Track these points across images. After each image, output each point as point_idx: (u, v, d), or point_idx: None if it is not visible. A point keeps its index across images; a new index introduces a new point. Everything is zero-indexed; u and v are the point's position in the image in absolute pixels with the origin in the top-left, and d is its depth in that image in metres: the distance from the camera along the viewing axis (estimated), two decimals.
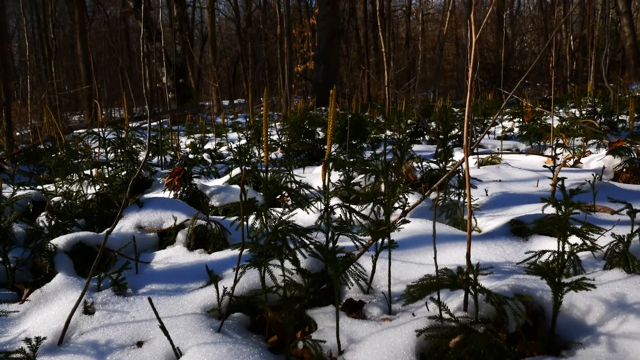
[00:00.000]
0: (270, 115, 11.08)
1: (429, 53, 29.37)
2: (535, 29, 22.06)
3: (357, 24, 26.56)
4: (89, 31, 22.19)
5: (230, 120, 10.61)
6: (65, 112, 14.26)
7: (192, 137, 8.53)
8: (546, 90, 16.25)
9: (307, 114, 8.00)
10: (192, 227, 2.21)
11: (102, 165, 3.21)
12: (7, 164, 4.26)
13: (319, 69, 12.52)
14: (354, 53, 26.15)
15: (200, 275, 2.01)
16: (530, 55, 20.95)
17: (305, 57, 15.71)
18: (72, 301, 1.76)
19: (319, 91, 12.32)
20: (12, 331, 1.72)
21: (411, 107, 8.92)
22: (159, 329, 1.61)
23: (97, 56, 24.22)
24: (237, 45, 28.78)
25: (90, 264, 2.14)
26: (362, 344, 1.45)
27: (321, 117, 8.01)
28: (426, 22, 30.04)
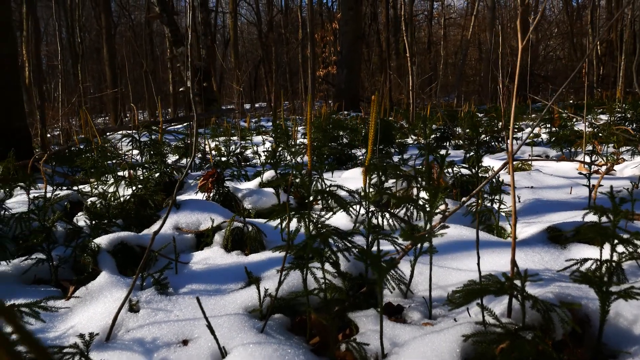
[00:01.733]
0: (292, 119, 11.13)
1: (451, 58, 29.23)
2: (560, 34, 21.80)
3: (378, 28, 26.55)
4: (114, 35, 22.55)
5: (254, 123, 10.69)
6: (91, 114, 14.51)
7: (217, 140, 8.61)
8: (571, 96, 16.04)
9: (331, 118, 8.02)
10: (229, 229, 2.24)
11: (136, 167, 3.27)
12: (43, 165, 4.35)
13: (341, 73, 12.54)
14: (375, 57, 26.14)
15: (238, 277, 2.04)
16: (555, 60, 20.70)
17: (327, 62, 15.76)
18: (117, 299, 1.80)
19: (341, 95, 12.34)
20: (60, 326, 1.76)
21: (435, 112, 8.90)
22: (203, 328, 1.64)
23: (121, 60, 24.62)
24: (258, 50, 28.99)
25: (131, 263, 2.19)
26: (406, 348, 1.46)
27: (345, 121, 8.03)
28: (448, 27, 29.92)
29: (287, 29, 25.38)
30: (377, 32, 26.07)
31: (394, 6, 23.93)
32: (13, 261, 2.29)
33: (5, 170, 3.44)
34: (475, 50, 26.95)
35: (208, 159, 5.07)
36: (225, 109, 12.39)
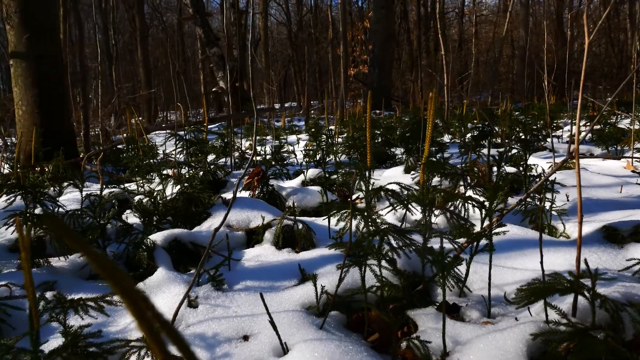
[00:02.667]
0: (322, 119, 11.14)
1: (482, 56, 28.81)
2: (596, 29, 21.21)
3: (408, 27, 26.36)
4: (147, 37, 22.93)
5: (287, 122, 10.74)
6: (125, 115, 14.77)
7: (250, 139, 8.69)
8: (608, 92, 15.62)
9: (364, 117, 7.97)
10: (280, 226, 2.25)
11: (180, 166, 3.33)
12: (86, 163, 4.46)
13: (373, 72, 12.49)
14: (404, 56, 25.96)
15: (291, 274, 2.05)
16: (592, 56, 20.19)
17: (357, 61, 15.72)
18: (176, 294, 1.83)
19: (373, 94, 12.29)
20: (120, 321, 1.81)
21: (470, 110, 8.79)
22: (262, 324, 1.66)
23: (154, 61, 25.04)
24: (287, 49, 29.10)
25: (184, 260, 2.23)
26: (469, 346, 1.45)
27: (378, 120, 7.99)
28: (479, 24, 29.49)
29: (317, 28, 25.40)
30: (407, 31, 25.90)
31: (424, 4, 23.73)
32: (70, 257, 2.35)
33: (55, 169, 3.54)
34: (508, 47, 26.50)
35: (246, 157, 5.11)
36: (260, 108, 12.48)
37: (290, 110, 19.57)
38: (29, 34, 4.52)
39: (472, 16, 27.11)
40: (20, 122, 4.69)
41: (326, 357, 1.41)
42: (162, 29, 25.65)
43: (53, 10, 4.83)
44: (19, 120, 4.71)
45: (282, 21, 29.84)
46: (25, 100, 4.61)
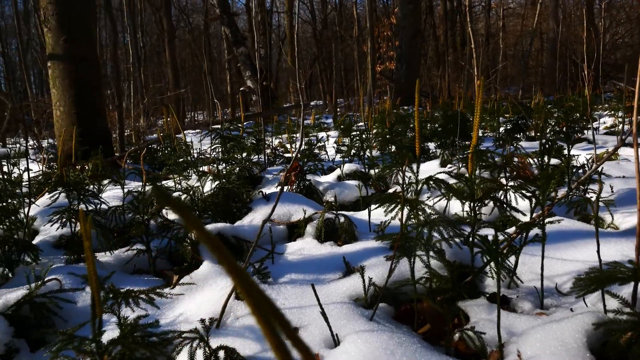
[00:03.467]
0: (350, 116, 11.11)
1: (510, 49, 28.33)
2: (628, 20, 20.67)
3: (434, 22, 26.10)
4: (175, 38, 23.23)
5: (317, 120, 10.75)
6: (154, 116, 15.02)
7: (280, 137, 8.72)
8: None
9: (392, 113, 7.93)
10: (322, 220, 2.25)
11: (217, 163, 3.35)
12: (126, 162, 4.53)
13: (400, 68, 12.40)
14: (431, 52, 25.72)
15: (335, 266, 2.05)
16: (624, 48, 19.67)
17: (384, 57, 15.62)
18: (223, 287, 1.84)
19: (401, 91, 12.20)
20: (169, 314, 1.82)
21: (501, 104, 8.65)
22: (311, 316, 1.65)
23: (181, 62, 25.34)
24: (312, 48, 29.12)
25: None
26: (525, 337, 1.42)
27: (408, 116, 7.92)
28: (506, 17, 29.00)
29: (342, 26, 25.35)
30: (433, 26, 25.63)
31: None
32: (115, 252, 2.39)
33: (94, 167, 3.60)
34: (537, 40, 25.99)
35: (277, 155, 5.13)
36: (288, 106, 12.52)
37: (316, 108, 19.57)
38: (65, 36, 4.62)
39: (499, 10, 26.70)
40: (58, 123, 4.80)
41: (379, 349, 1.40)
42: (188, 30, 25.93)
43: (88, 13, 4.92)
44: (57, 121, 4.81)
45: (306, 20, 29.87)
46: (63, 101, 4.71)
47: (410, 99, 12.09)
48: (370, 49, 10.15)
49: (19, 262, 2.20)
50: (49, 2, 4.60)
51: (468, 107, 8.81)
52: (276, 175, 3.69)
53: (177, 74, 17.65)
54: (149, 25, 27.73)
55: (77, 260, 2.30)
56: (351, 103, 20.18)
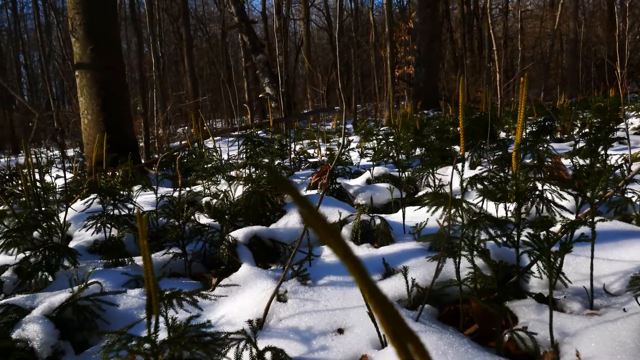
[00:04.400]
0: (369, 121, 11.09)
1: (529, 51, 28.08)
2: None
3: (450, 26, 25.99)
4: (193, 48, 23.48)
5: (336, 126, 10.75)
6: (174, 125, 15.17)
7: (300, 143, 8.73)
8: None
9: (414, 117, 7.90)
10: (358, 222, 2.23)
11: (245, 167, 3.36)
12: (150, 167, 4.57)
13: (419, 72, 12.36)
14: (447, 56, 25.60)
15: (373, 268, 2.03)
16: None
17: (401, 62, 15.60)
18: (264, 289, 1.83)
19: (420, 94, 12.15)
20: (210, 316, 1.82)
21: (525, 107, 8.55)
22: (355, 317, 1.64)
23: (198, 71, 25.60)
24: (329, 54, 29.20)
25: (264, 256, 2.23)
26: (580, 338, 1.38)
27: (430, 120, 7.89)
28: (524, 19, 28.76)
29: (358, 32, 25.38)
30: (450, 30, 25.53)
31: (467, 2, 23.37)
32: (152, 256, 2.40)
33: (124, 173, 3.64)
34: (556, 42, 25.71)
35: (301, 160, 5.13)
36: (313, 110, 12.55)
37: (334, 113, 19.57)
38: (93, 46, 4.69)
39: (517, 12, 26.49)
40: (86, 131, 4.86)
41: (429, 350, 1.37)
42: (206, 39, 26.20)
43: (114, 23, 4.99)
44: (85, 129, 4.88)
45: (322, 26, 29.98)
46: (90, 109, 4.78)
47: (430, 103, 12.03)
48: (389, 54, 10.13)
49: (58, 267, 2.23)
50: (76, 13, 4.67)
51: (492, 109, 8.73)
52: (304, 180, 3.69)
53: (196, 83, 17.82)
54: (166, 35, 28.09)
55: (115, 264, 2.31)
56: (368, 109, 20.16)
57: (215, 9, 30.94)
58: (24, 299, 1.92)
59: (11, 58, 26.09)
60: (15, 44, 23.48)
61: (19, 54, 23.62)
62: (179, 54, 26.48)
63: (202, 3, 30.20)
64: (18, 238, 2.25)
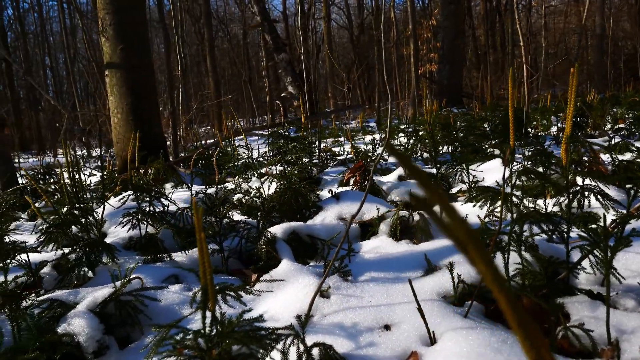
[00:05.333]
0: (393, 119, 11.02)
1: (552, 48, 27.63)
2: None
3: (472, 23, 25.73)
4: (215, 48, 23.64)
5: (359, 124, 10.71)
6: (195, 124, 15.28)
7: (324, 141, 8.70)
8: None
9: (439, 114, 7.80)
10: (397, 218, 2.21)
11: (276, 164, 3.35)
12: (177, 165, 4.60)
13: (443, 69, 12.25)
14: (470, 53, 25.35)
15: (414, 264, 2.00)
16: None
17: (424, 59, 15.47)
18: (305, 285, 1.82)
19: (444, 92, 12.04)
20: (252, 312, 1.81)
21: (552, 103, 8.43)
22: (401, 313, 1.61)
23: (220, 71, 25.77)
24: (350, 53, 29.16)
25: (302, 252, 2.22)
26: (639, 335, 1.34)
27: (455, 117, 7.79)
28: (548, 15, 28.32)
29: (379, 30, 25.26)
30: (472, 27, 25.27)
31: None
32: (189, 253, 2.41)
33: (156, 171, 3.66)
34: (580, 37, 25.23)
35: (327, 157, 5.11)
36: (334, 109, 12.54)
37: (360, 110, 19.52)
38: (122, 45, 4.73)
39: (541, 8, 26.09)
40: (115, 130, 4.91)
41: (482, 346, 1.34)
42: (227, 39, 26.36)
43: (143, 22, 5.04)
44: (115, 128, 4.93)
45: (343, 25, 29.93)
46: (120, 108, 4.83)
47: (454, 101, 11.91)
48: (412, 51, 10.05)
49: (98, 263, 2.24)
50: (106, 13, 4.72)
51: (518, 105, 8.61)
52: (335, 177, 3.67)
53: (218, 83, 17.93)
54: (188, 36, 28.35)
55: (154, 260, 2.32)
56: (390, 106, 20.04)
57: (236, 9, 31.12)
58: (67, 294, 1.94)
59: (37, 60, 26.62)
60: (42, 47, 23.94)
61: (45, 56, 24.08)
62: (200, 55, 26.69)
63: (224, 4, 30.41)
64: (58, 234, 2.27)
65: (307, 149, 4.22)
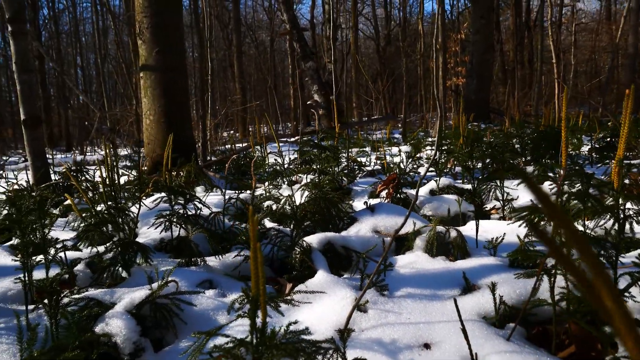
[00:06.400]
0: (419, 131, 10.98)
1: (581, 66, 27.31)
2: None
3: (500, 38, 25.55)
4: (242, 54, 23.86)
5: (382, 134, 10.68)
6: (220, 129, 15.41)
7: (350, 151, 8.67)
8: None
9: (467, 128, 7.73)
10: (434, 233, 2.18)
11: (307, 172, 3.35)
12: (206, 169, 4.63)
13: (471, 83, 12.16)
14: (497, 68, 25.15)
15: (451, 282, 1.97)
16: None
17: (451, 73, 15.40)
18: (342, 298, 1.80)
19: (471, 106, 11.95)
20: (285, 322, 1.80)
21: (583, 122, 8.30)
22: (441, 332, 1.58)
23: (246, 77, 26.00)
24: (375, 64, 29.17)
25: (337, 263, 2.20)
26: None
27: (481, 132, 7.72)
28: (578, 33, 28.01)
29: (405, 42, 25.24)
30: (500, 42, 25.09)
31: (519, 14, 22.94)
32: (222, 258, 2.41)
33: (187, 174, 3.69)
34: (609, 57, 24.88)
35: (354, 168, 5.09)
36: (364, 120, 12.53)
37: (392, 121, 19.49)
38: (158, 48, 4.79)
39: (571, 25, 25.81)
40: (147, 131, 4.97)
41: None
42: (254, 46, 26.60)
43: (179, 26, 5.10)
44: (146, 129, 4.99)
45: (370, 35, 29.97)
46: (152, 110, 4.88)
47: (480, 115, 11.81)
48: (441, 64, 10.00)
49: (133, 263, 2.26)
50: (144, 16, 4.80)
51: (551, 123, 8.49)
52: (364, 188, 3.65)
53: (245, 88, 18.08)
54: (216, 41, 28.69)
55: (187, 263, 2.32)
56: (414, 119, 19.97)
57: (264, 16, 31.43)
58: (103, 293, 1.95)
59: (69, 60, 27.18)
60: (74, 46, 24.44)
61: (77, 56, 24.57)
62: (227, 60, 26.98)
63: (252, 10, 30.72)
64: (95, 233, 2.29)
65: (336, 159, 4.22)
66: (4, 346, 1.70)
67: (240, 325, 1.76)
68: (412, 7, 31.97)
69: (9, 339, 1.76)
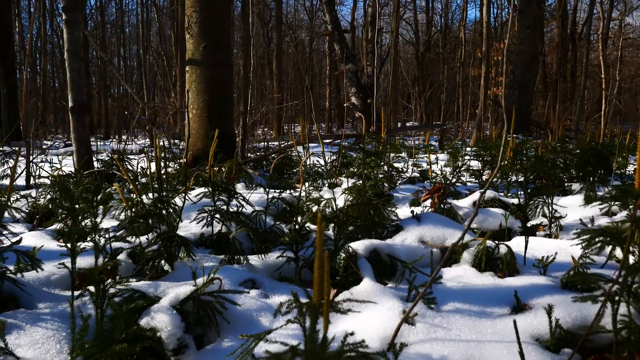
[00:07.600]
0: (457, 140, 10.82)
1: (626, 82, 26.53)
2: None
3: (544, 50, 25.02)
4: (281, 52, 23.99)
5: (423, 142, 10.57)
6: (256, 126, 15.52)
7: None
8: None
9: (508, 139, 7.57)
10: (484, 248, 2.12)
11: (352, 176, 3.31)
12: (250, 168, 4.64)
13: (512, 94, 11.92)
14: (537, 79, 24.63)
15: (500, 300, 1.90)
16: None
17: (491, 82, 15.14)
18: (389, 309, 1.76)
19: (511, 117, 11.72)
20: (331, 329, 1.77)
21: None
22: (492, 351, 1.53)
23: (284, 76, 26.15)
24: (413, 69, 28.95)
25: (381, 271, 2.16)
26: None
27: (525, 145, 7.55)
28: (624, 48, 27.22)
29: (446, 49, 24.98)
30: (543, 54, 24.58)
31: (564, 26, 22.43)
32: (264, 258, 2.39)
33: (228, 170, 3.70)
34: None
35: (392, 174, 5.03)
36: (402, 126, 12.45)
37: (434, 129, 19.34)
38: (205, 43, 4.83)
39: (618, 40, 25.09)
40: (189, 125, 5.02)
41: None
42: (293, 45, 26.72)
43: (227, 22, 5.13)
44: (188, 122, 5.03)
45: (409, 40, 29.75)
46: (196, 104, 4.93)
47: (520, 127, 11.58)
48: (483, 73, 9.84)
49: (177, 257, 2.26)
50: (193, 11, 4.84)
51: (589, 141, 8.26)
52: (405, 195, 3.60)
53: (282, 87, 18.18)
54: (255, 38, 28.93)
55: (230, 261, 2.32)
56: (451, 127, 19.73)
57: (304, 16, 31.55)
58: (146, 285, 1.95)
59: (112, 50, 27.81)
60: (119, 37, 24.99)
61: (120, 46, 25.10)
62: (266, 58, 27.18)
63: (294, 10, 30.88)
64: (142, 225, 2.31)
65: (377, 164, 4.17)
66: (49, 332, 1.71)
67: (284, 329, 1.73)
68: (454, 13, 31.63)
69: (54, 325, 1.77)
